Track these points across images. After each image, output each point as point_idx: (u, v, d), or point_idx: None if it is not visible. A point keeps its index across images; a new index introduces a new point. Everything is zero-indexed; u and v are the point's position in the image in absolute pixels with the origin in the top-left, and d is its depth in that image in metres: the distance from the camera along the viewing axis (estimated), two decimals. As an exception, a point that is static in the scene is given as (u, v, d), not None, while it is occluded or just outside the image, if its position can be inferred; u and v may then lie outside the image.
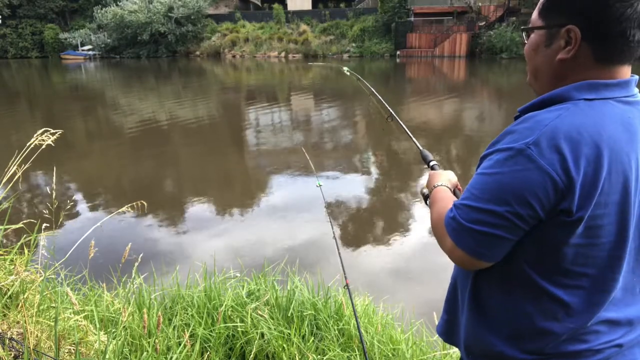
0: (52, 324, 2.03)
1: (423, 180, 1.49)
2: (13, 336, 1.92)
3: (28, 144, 2.35)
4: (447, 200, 1.17)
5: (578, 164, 0.89)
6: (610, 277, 0.98)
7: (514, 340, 1.04)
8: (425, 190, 1.39)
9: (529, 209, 0.92)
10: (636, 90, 1.03)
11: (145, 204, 2.51)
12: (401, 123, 2.01)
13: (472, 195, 0.99)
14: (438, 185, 1.29)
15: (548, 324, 1.00)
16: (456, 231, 1.01)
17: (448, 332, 1.25)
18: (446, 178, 1.33)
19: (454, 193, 1.31)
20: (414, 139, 1.85)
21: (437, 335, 1.41)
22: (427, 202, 1.35)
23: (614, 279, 0.98)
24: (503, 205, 0.93)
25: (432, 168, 1.56)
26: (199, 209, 6.35)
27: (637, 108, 0.99)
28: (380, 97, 2.25)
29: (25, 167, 2.40)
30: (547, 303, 0.99)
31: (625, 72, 1.00)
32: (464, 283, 1.16)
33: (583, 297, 0.98)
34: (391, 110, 2.11)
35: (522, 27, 1.13)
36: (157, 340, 2.14)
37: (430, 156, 1.65)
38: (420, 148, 1.72)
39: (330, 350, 2.34)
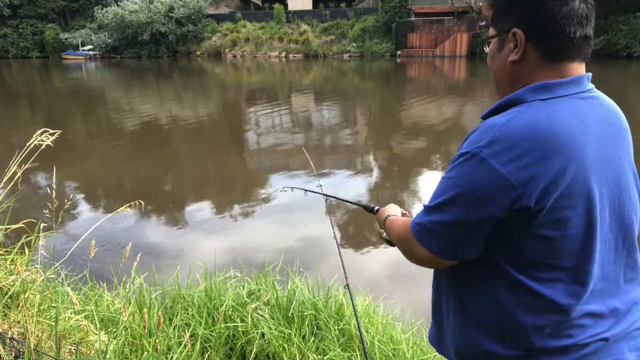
0: (53, 323, 2.03)
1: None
2: (14, 336, 1.92)
3: (27, 144, 2.35)
4: (403, 220, 1.25)
5: (531, 162, 0.92)
6: (584, 268, 0.98)
7: (498, 337, 1.05)
8: (382, 231, 1.49)
9: (485, 209, 0.96)
10: (591, 85, 1.06)
11: (143, 203, 2.50)
12: (338, 198, 2.25)
13: (435, 198, 1.04)
14: (389, 217, 1.38)
15: (528, 318, 1.00)
16: (421, 234, 1.07)
17: (438, 340, 1.25)
18: (392, 210, 1.44)
19: (403, 216, 1.40)
20: (352, 202, 2.05)
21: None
22: (386, 238, 1.45)
23: (589, 270, 0.98)
24: (461, 207, 0.98)
25: (377, 211, 1.63)
26: (199, 208, 6.35)
27: (592, 103, 1.02)
28: (320, 192, 2.51)
29: (25, 167, 2.40)
30: (526, 297, 1.00)
31: (577, 69, 1.03)
32: (445, 286, 1.18)
33: (560, 290, 0.98)
34: (327, 195, 2.40)
35: (481, 40, 1.18)
36: (157, 340, 2.14)
37: (370, 205, 1.77)
38: (362, 205, 1.84)
39: (330, 350, 2.34)
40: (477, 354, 1.09)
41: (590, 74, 1.06)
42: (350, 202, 2.06)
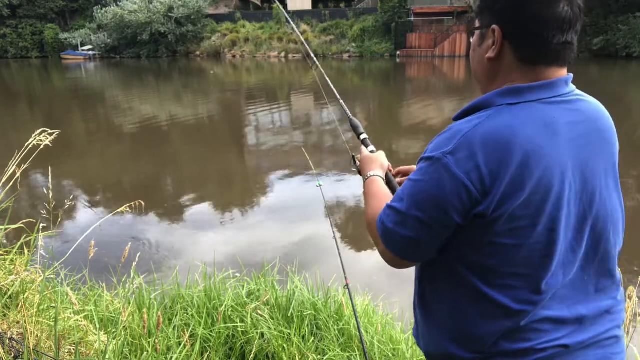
0: (52, 324, 2.03)
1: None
2: (13, 336, 1.92)
3: (26, 144, 2.35)
4: (380, 197, 1.22)
5: (492, 170, 0.91)
6: (542, 275, 0.97)
7: (457, 339, 1.05)
8: (358, 163, 1.46)
9: (445, 215, 0.96)
10: (570, 88, 1.02)
11: (143, 203, 2.50)
12: (325, 76, 1.95)
13: (399, 199, 1.04)
14: (371, 176, 1.33)
15: (483, 322, 1.00)
16: (385, 234, 1.06)
17: (417, 336, 1.25)
18: (379, 164, 1.38)
19: (387, 177, 1.37)
20: (342, 103, 1.80)
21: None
22: (360, 174, 1.41)
23: (546, 278, 0.97)
24: (422, 211, 0.98)
25: (364, 142, 1.57)
26: (199, 209, 6.35)
27: (565, 107, 0.98)
28: (304, 40, 2.21)
29: (24, 167, 2.40)
30: (481, 302, 1.00)
31: (554, 73, 0.99)
32: (416, 289, 1.19)
33: (514, 296, 0.97)
34: (315, 60, 2.10)
35: (466, 30, 1.16)
36: (157, 340, 2.14)
37: (361, 127, 1.64)
38: (350, 116, 1.71)
39: (330, 350, 2.34)
40: (440, 356, 1.11)
41: (570, 77, 1.02)
42: (341, 101, 1.79)
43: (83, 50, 42.26)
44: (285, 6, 40.81)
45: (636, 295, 1.96)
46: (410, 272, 1.24)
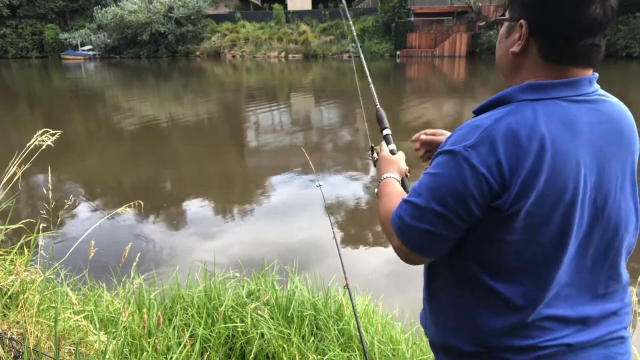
0: (52, 324, 2.03)
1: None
2: (13, 336, 1.92)
3: (28, 145, 2.35)
4: (394, 196, 1.20)
5: (512, 165, 0.91)
6: (548, 274, 0.97)
7: (463, 332, 1.06)
8: (375, 156, 1.47)
9: (465, 208, 0.95)
10: (594, 87, 1.01)
11: (142, 203, 2.50)
12: (361, 55, 1.98)
13: (417, 193, 1.02)
14: (387, 177, 1.33)
15: (490, 316, 1.01)
16: (401, 229, 1.04)
17: (425, 325, 1.26)
18: (396, 167, 1.38)
19: (402, 182, 1.37)
20: (372, 88, 1.81)
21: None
22: (375, 166, 1.44)
23: (552, 276, 0.97)
24: (442, 204, 0.97)
25: (385, 138, 1.57)
26: (199, 209, 6.35)
27: (587, 107, 0.98)
28: (350, 20, 2.22)
29: (25, 168, 2.40)
30: (490, 296, 1.01)
31: (578, 73, 0.98)
32: (424, 279, 1.20)
33: (522, 293, 0.98)
34: (356, 40, 2.14)
35: (493, 19, 1.15)
36: (157, 341, 2.14)
37: (386, 121, 1.63)
38: (378, 105, 1.70)
39: (330, 350, 2.34)
40: (443, 346, 1.12)
41: (594, 76, 1.01)
42: (372, 93, 1.83)
43: (83, 50, 42.25)
44: (285, 6, 40.81)
45: (636, 295, 1.96)
46: (411, 272, 1.24)
